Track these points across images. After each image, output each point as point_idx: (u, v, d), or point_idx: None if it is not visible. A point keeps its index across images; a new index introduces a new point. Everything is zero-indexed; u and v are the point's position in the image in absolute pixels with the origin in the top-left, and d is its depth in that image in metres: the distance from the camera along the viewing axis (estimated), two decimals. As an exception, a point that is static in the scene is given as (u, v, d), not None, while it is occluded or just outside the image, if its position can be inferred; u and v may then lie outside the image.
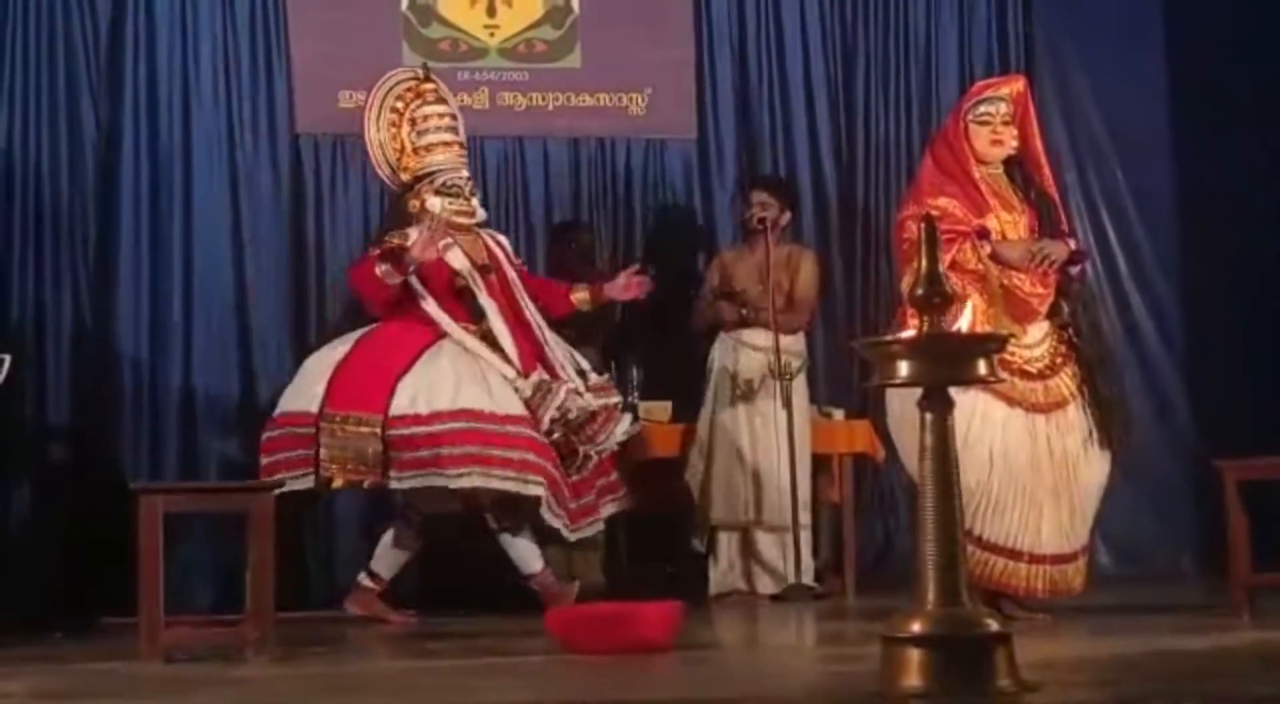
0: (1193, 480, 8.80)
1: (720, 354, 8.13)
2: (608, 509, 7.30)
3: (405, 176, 7.33)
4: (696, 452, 8.07)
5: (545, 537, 7.51)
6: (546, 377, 7.04)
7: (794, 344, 8.00)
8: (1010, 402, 6.33)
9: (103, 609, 7.36)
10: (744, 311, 8.01)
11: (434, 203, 7.12)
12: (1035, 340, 6.43)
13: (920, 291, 4.02)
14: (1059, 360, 6.47)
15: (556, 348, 7.25)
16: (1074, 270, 6.62)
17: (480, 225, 7.46)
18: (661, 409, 8.39)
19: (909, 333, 4.16)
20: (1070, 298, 6.58)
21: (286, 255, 8.50)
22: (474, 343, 7.04)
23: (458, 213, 7.18)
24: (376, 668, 5.59)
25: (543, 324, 7.28)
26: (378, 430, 6.80)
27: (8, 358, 6.17)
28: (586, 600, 6.82)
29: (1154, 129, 9.30)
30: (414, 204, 7.22)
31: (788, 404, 7.75)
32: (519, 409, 6.90)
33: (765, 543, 7.92)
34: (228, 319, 8.39)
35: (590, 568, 7.89)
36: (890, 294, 8.01)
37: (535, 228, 8.78)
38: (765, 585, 7.89)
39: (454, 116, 7.45)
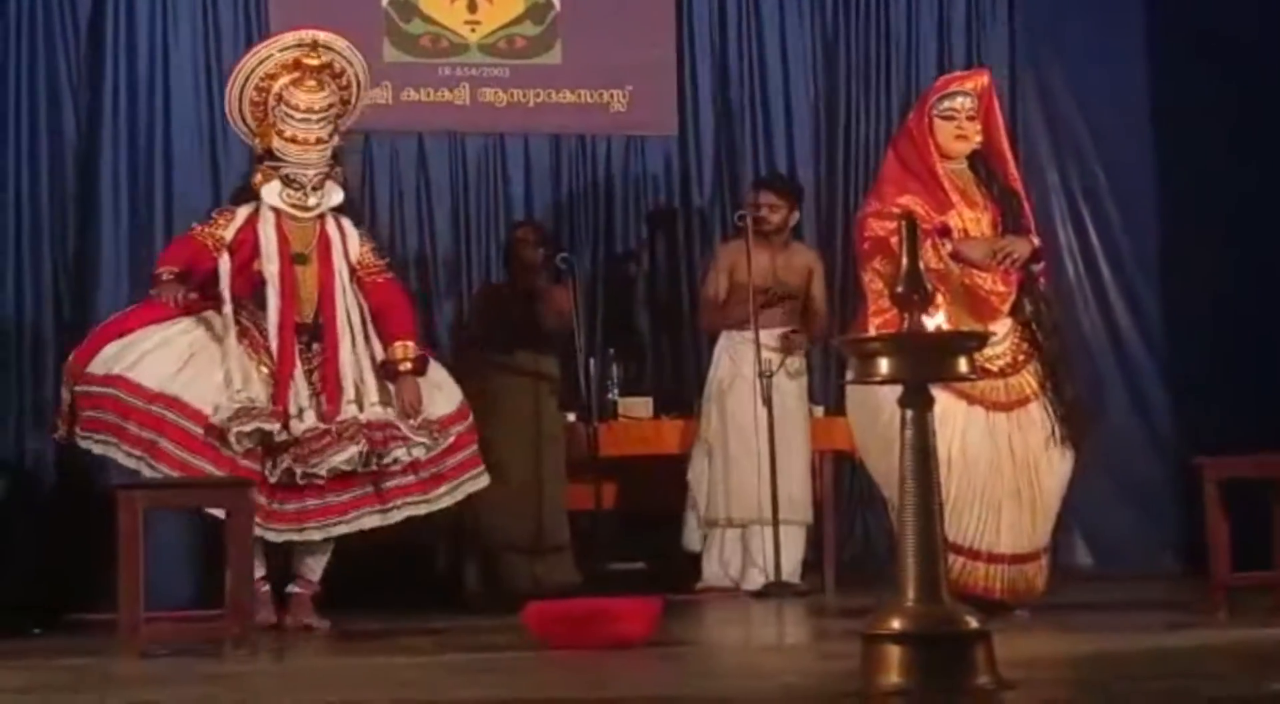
0: (1173, 478, 8.81)
1: (724, 351, 8.11)
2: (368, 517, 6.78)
3: (258, 143, 6.93)
4: (699, 448, 8.07)
5: (505, 544, 7.75)
6: (262, 398, 6.62)
7: (778, 342, 8.00)
8: (970, 400, 6.28)
9: (78, 605, 7.37)
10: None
11: (270, 190, 6.83)
12: (997, 338, 6.33)
13: (901, 289, 4.02)
14: (1021, 358, 6.42)
15: (365, 359, 6.85)
16: (1036, 268, 6.57)
17: (336, 210, 7.05)
18: (642, 405, 8.41)
19: (878, 329, 4.17)
20: (1033, 296, 6.54)
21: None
22: (231, 340, 6.71)
23: (293, 205, 6.85)
24: (356, 663, 5.58)
25: (354, 330, 6.86)
26: (70, 385, 6.74)
27: None
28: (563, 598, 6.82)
29: (1135, 128, 9.32)
30: (256, 180, 6.96)
31: (767, 401, 7.76)
32: (184, 392, 6.59)
33: (757, 540, 7.91)
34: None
35: (563, 568, 7.91)
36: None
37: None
38: (753, 581, 7.89)
39: (329, 105, 6.93)
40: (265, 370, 6.74)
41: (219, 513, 6.46)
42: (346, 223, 7.10)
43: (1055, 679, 4.49)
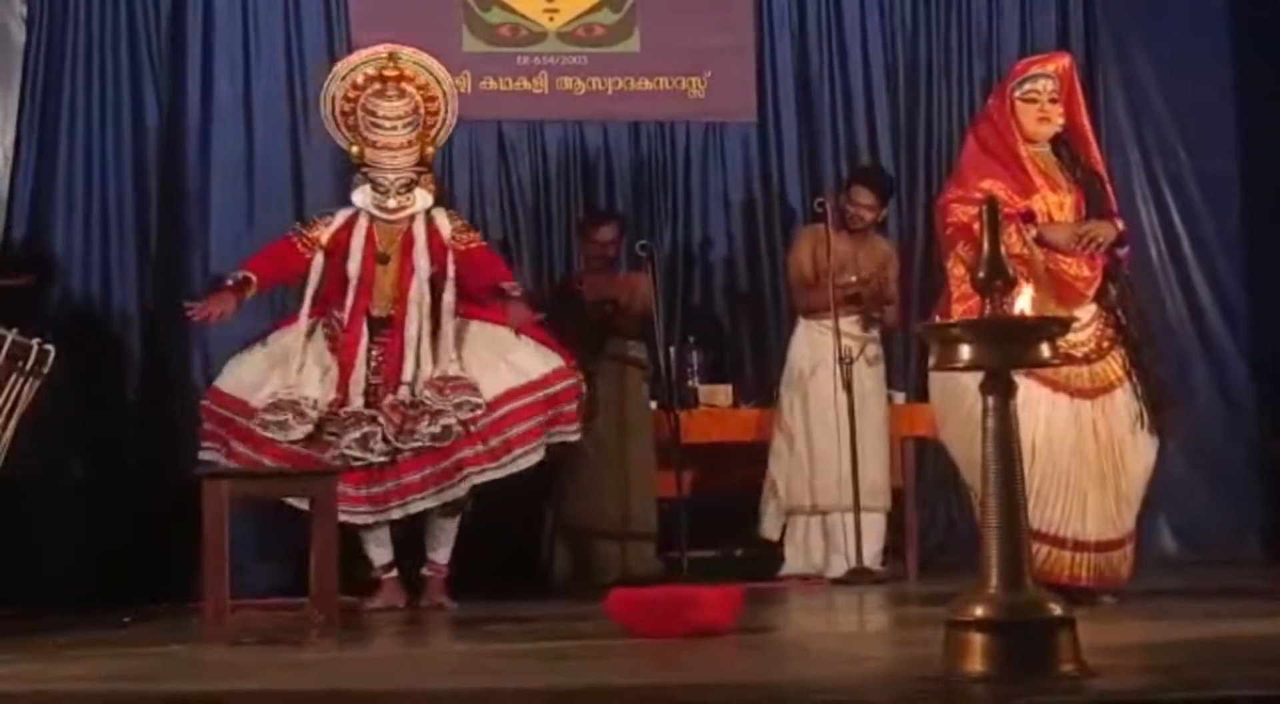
0: (1257, 463, 8.75)
1: (802, 340, 8.09)
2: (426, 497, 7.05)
3: (355, 151, 7.35)
4: (781, 437, 8.05)
5: (594, 530, 7.88)
6: (307, 393, 7.00)
7: (858, 327, 7.98)
8: (1054, 387, 6.22)
9: (169, 594, 7.44)
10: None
11: (359, 195, 7.31)
12: (1081, 324, 6.24)
13: (982, 274, 4.00)
14: (1105, 344, 6.35)
15: (428, 343, 7.13)
16: (1121, 252, 6.51)
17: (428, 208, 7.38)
18: (722, 392, 8.41)
19: (961, 315, 4.14)
20: (1117, 280, 6.48)
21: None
22: (289, 338, 7.19)
23: (379, 208, 7.29)
24: (440, 650, 5.61)
25: (423, 317, 7.15)
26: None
27: (52, 349, 6.19)
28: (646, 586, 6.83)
29: (1218, 110, 9.25)
30: (353, 185, 7.39)
31: (848, 387, 7.75)
32: (251, 396, 7.04)
33: (839, 527, 7.89)
34: (290, 303, 8.41)
35: (644, 557, 7.94)
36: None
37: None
38: (835, 568, 7.88)
39: (411, 111, 7.31)
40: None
41: (301, 504, 6.72)
42: (439, 215, 7.39)
43: (1141, 666, 4.46)
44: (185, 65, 8.52)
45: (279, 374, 7.07)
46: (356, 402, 6.98)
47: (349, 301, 7.16)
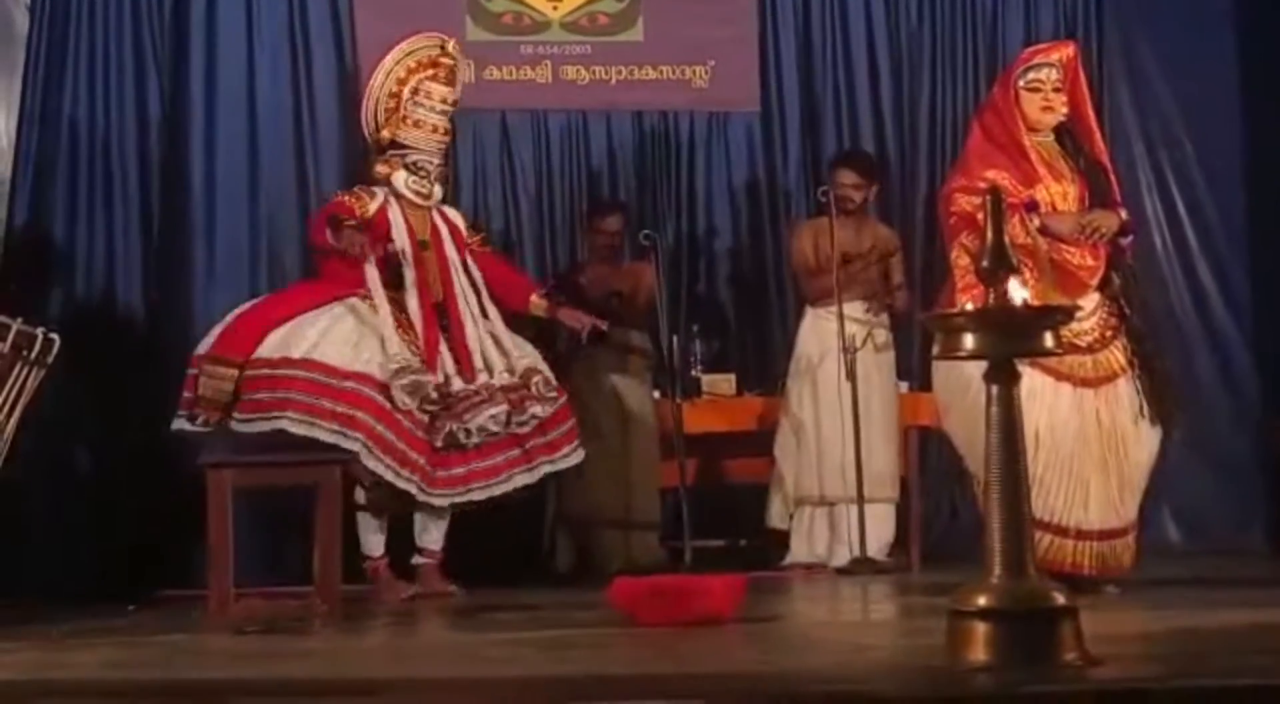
0: (1260, 453, 8.74)
1: (810, 329, 8.08)
2: (516, 479, 7.18)
3: (384, 134, 7.33)
4: (788, 428, 8.04)
5: (597, 520, 7.83)
6: (415, 361, 6.95)
7: (864, 315, 7.97)
8: (1058, 376, 6.22)
9: (166, 581, 7.45)
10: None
11: (399, 178, 7.28)
12: (1085, 313, 6.24)
13: (985, 263, 4.00)
14: (1109, 333, 6.35)
15: (485, 335, 7.26)
16: (1124, 242, 6.50)
17: (439, 203, 7.48)
18: (725, 382, 8.40)
19: (969, 305, 4.13)
20: (1121, 270, 6.48)
21: (352, 229, 8.54)
22: (385, 308, 7.05)
23: (416, 193, 7.30)
24: (443, 639, 5.60)
25: (474, 309, 7.29)
26: (234, 372, 6.86)
27: (57, 338, 6.17)
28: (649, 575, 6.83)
29: (1223, 101, 9.23)
30: (382, 170, 7.32)
31: (851, 376, 7.74)
32: (370, 369, 6.88)
33: (845, 517, 7.87)
34: (290, 275, 8.40)
35: (647, 546, 7.94)
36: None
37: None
38: (840, 558, 7.87)
39: (455, 101, 7.42)
40: (415, 348, 7.05)
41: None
42: (450, 211, 7.54)
43: (1143, 655, 4.46)
44: (189, 55, 8.50)
45: (371, 343, 6.97)
46: (456, 383, 7.04)
47: (412, 287, 7.14)
